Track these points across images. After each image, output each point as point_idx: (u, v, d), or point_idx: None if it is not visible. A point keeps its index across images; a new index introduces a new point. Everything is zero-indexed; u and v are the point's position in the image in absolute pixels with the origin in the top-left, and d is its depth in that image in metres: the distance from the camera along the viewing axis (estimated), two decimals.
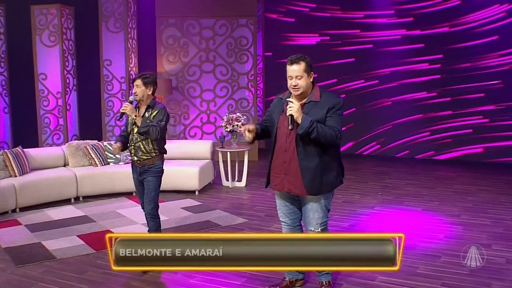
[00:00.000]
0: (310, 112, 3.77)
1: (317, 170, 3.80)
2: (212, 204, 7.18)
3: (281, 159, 3.89)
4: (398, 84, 10.58)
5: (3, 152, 7.16)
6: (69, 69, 9.31)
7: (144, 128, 4.68)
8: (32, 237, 5.84)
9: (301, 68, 3.78)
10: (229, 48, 10.59)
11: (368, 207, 6.85)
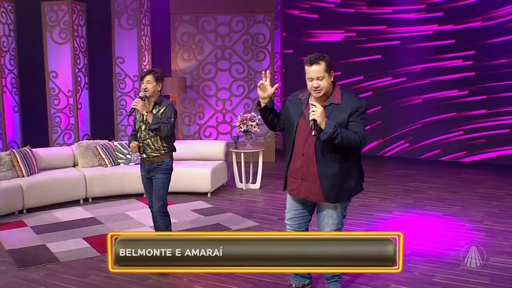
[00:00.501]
0: (331, 115, 3.67)
1: (336, 177, 3.74)
2: (224, 207, 7.14)
3: (299, 164, 3.82)
4: (429, 81, 10.35)
5: (10, 152, 7.23)
6: (81, 67, 9.37)
7: (156, 125, 4.71)
8: (37, 239, 5.88)
9: (321, 68, 3.69)
10: (245, 45, 10.56)
11: (386, 211, 6.75)
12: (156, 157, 4.89)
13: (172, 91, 9.87)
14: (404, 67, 10.62)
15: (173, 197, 7.56)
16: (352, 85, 10.85)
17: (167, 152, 4.95)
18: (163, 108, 4.85)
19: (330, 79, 3.73)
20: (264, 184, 8.33)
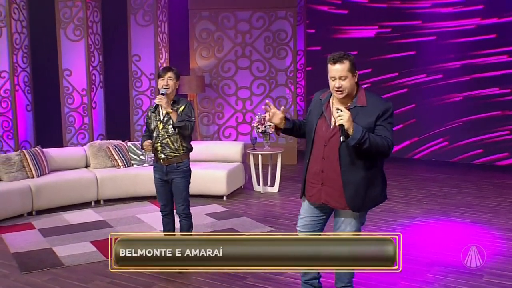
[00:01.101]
0: (357, 118, 3.57)
1: (361, 185, 3.66)
2: (239, 211, 7.10)
3: (318, 167, 3.75)
4: (470, 78, 10.09)
5: (20, 152, 7.30)
6: (95, 64, 9.43)
7: (180, 122, 4.73)
8: (44, 242, 5.91)
9: (345, 68, 3.61)
10: (266, 43, 10.50)
11: (410, 217, 6.61)
12: (175, 158, 4.91)
13: (190, 90, 9.87)
14: (441, 63, 10.40)
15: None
16: (385, 82, 10.69)
17: (186, 152, 4.97)
18: (183, 107, 4.87)
19: (353, 80, 3.65)
20: (282, 188, 8.26)
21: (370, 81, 10.70)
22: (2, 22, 8.41)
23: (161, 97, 4.74)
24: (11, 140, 8.69)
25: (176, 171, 4.91)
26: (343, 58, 3.61)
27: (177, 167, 4.91)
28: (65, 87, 9.25)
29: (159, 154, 4.93)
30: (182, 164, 4.93)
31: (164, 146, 4.88)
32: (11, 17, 8.47)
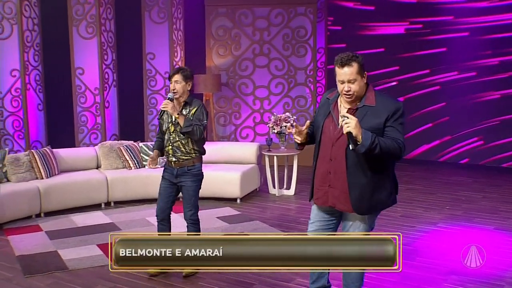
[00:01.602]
0: (364, 118, 3.56)
1: (367, 187, 3.63)
2: (252, 214, 7.07)
3: (325, 169, 3.73)
4: (509, 75, 9.87)
5: (29, 152, 7.36)
6: (108, 63, 9.47)
7: (188, 128, 4.70)
8: (50, 245, 5.95)
9: (353, 71, 3.57)
10: (285, 40, 10.47)
11: (430, 223, 6.51)
12: (186, 161, 4.89)
13: (205, 89, 9.87)
14: (474, 60, 10.21)
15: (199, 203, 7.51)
16: (413, 80, 10.53)
17: (198, 156, 4.95)
18: (194, 109, 4.84)
19: (362, 81, 3.63)
20: (299, 191, 8.20)
21: (397, 79, 10.59)
22: (13, 19, 8.49)
23: (167, 102, 4.71)
24: (22, 140, 8.77)
25: (186, 174, 4.89)
26: (351, 61, 3.57)
27: (187, 171, 4.89)
28: (77, 85, 9.30)
29: (170, 157, 4.92)
30: (193, 168, 4.90)
31: (175, 149, 4.87)
32: (22, 14, 8.55)
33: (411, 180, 9.00)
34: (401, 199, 7.63)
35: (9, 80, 8.64)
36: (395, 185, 3.81)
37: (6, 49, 8.55)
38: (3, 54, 8.57)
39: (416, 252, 5.46)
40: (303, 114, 10.57)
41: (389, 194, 3.72)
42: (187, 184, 4.91)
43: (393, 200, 3.79)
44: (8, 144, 8.69)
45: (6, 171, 7.11)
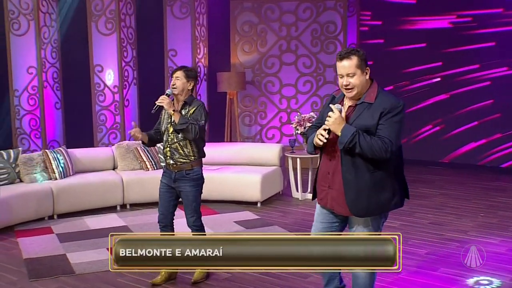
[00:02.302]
0: (361, 115, 3.58)
1: (363, 187, 3.61)
2: (272, 219, 7.03)
3: (325, 169, 3.76)
4: None
5: (43, 152, 7.47)
6: (128, 60, 9.56)
7: (182, 125, 4.68)
8: (59, 248, 6.02)
9: (352, 64, 3.60)
10: (313, 36, 10.41)
11: (461, 231, 6.36)
12: (184, 164, 4.86)
13: (229, 87, 9.87)
14: None
15: (217, 206, 7.58)
16: (458, 76, 10.32)
17: (197, 159, 4.91)
18: (193, 109, 4.83)
19: (363, 76, 3.63)
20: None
21: (440, 75, 10.43)
22: (30, 15, 8.64)
23: (163, 97, 4.71)
24: (39, 139, 8.92)
25: (185, 179, 4.86)
26: (350, 54, 3.62)
27: (186, 175, 4.85)
28: (96, 83, 9.40)
29: (168, 160, 4.90)
30: (191, 172, 4.86)
31: (173, 151, 4.85)
32: (39, 9, 8.70)
33: (445, 185, 8.84)
34: (432, 205, 7.57)
35: (25, 77, 8.82)
36: (401, 187, 3.76)
37: (22, 46, 8.74)
38: (19, 50, 8.75)
39: (440, 262, 5.34)
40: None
41: (391, 195, 3.66)
42: (186, 189, 4.87)
43: (397, 203, 3.73)
44: (24, 144, 8.87)
45: (19, 171, 7.24)
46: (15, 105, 8.87)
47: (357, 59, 3.59)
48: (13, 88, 8.84)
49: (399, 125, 3.58)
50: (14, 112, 8.87)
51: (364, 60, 3.62)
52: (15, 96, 8.85)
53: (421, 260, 5.40)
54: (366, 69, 3.63)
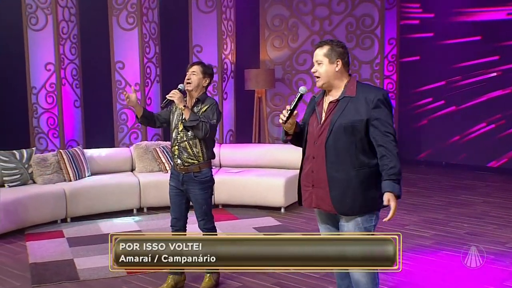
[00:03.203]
0: (345, 110, 3.64)
1: (349, 183, 3.63)
2: (294, 226, 6.99)
3: (309, 168, 3.79)
4: None
5: (57, 152, 7.58)
6: (151, 56, 9.62)
7: (193, 121, 4.70)
8: (67, 253, 6.10)
9: (321, 52, 3.75)
10: (348, 30, 10.32)
11: (499, 243, 6.18)
12: (193, 165, 4.85)
13: (257, 85, 9.85)
14: None
15: (238, 211, 7.59)
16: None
17: (206, 161, 4.91)
18: (206, 107, 4.83)
19: (331, 67, 3.73)
20: None
21: (498, 69, 10.21)
22: (48, 9, 8.79)
23: (175, 92, 4.73)
24: (57, 139, 9.06)
25: (193, 181, 4.86)
26: (324, 43, 3.76)
27: (194, 177, 4.85)
28: (117, 81, 9.49)
29: (175, 159, 4.91)
30: (200, 174, 4.86)
31: (182, 150, 4.84)
32: (58, 3, 8.83)
33: (489, 192, 8.66)
34: (471, 214, 7.42)
35: (43, 74, 8.97)
36: None
37: (40, 41, 8.89)
38: (37, 46, 8.90)
39: (470, 275, 5.20)
40: None
41: (379, 194, 3.61)
42: (195, 192, 4.88)
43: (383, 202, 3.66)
44: (42, 143, 9.02)
45: (32, 172, 7.36)
46: (33, 103, 9.02)
47: (327, 48, 3.71)
48: (31, 85, 8.99)
49: (391, 115, 3.65)
50: (32, 110, 9.03)
51: (336, 52, 3.71)
52: (32, 94, 9.01)
53: (448, 273, 5.27)
54: (337, 60, 3.69)
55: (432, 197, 8.42)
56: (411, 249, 5.91)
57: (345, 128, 3.59)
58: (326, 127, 3.66)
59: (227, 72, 10.14)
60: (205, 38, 9.97)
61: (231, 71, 10.27)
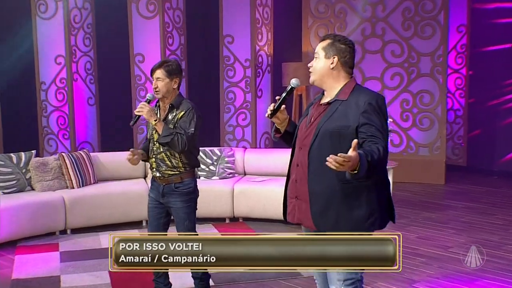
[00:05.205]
0: (334, 115, 3.64)
1: (332, 198, 3.62)
2: None
3: (293, 177, 3.83)
4: None
5: (59, 156, 7.80)
6: (174, 48, 9.76)
7: (166, 138, 4.76)
8: (55, 269, 6.30)
9: (320, 46, 3.76)
10: (405, 17, 10.26)
11: None
12: (173, 176, 4.93)
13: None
14: None
15: (258, 225, 7.74)
16: None
17: (188, 170, 4.97)
18: (182, 113, 4.87)
19: (325, 62, 3.73)
20: (398, 216, 7.95)
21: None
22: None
23: (143, 105, 4.78)
24: (67, 141, 9.31)
25: (174, 193, 4.92)
26: (327, 37, 3.78)
27: (175, 189, 4.91)
28: (136, 76, 9.68)
29: (154, 172, 4.99)
30: (181, 185, 4.92)
31: (159, 162, 4.92)
32: None
33: None
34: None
35: (53, 68, 9.23)
36: (382, 204, 3.70)
37: (49, 31, 9.16)
38: (47, 36, 9.16)
39: None
40: (428, 115, 10.23)
41: (369, 212, 3.61)
42: (176, 205, 4.93)
43: (374, 224, 3.67)
44: (51, 145, 9.30)
45: (30, 177, 7.61)
46: (42, 100, 9.31)
47: (328, 42, 3.72)
48: (40, 80, 9.29)
49: (383, 121, 3.58)
50: (41, 108, 9.32)
51: (336, 47, 3.70)
52: (41, 90, 9.30)
53: None
54: (334, 56, 3.68)
55: (494, 215, 8.25)
56: (447, 276, 5.82)
57: (331, 134, 3.58)
58: (312, 132, 3.66)
59: (262, 66, 10.20)
60: (237, 27, 10.06)
61: (267, 65, 10.33)
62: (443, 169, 10.18)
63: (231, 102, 10.25)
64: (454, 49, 11.15)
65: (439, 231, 7.40)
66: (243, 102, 10.09)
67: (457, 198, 9.25)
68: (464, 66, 11.18)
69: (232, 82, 10.24)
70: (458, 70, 11.12)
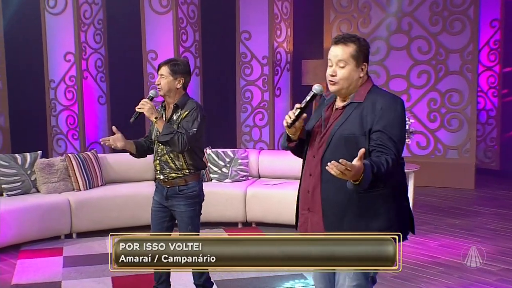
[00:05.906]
0: (350, 117, 3.56)
1: (346, 208, 3.58)
2: None
3: (305, 187, 3.79)
4: None
5: (65, 157, 7.91)
6: (188, 45, 9.84)
7: (165, 136, 4.81)
8: (57, 275, 6.40)
9: (347, 52, 3.58)
10: (433, 11, 10.24)
11: None
12: (177, 179, 4.99)
13: (315, 79, 9.86)
14: None
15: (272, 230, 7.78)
16: None
17: (193, 173, 5.02)
18: (186, 112, 4.92)
19: (356, 72, 3.60)
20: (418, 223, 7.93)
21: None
22: None
23: (144, 102, 4.88)
24: (77, 141, 9.44)
25: (178, 196, 4.98)
26: (348, 40, 3.58)
27: (179, 192, 4.97)
28: (149, 74, 9.77)
29: (158, 174, 5.08)
30: (186, 188, 4.97)
31: (163, 164, 5.00)
32: None
33: None
34: None
35: (62, 65, 9.34)
36: (401, 215, 3.64)
37: (59, 27, 9.28)
38: (56, 32, 9.28)
39: None
40: (456, 115, 10.18)
41: (388, 223, 3.56)
42: (179, 208, 4.98)
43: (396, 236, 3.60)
44: (60, 145, 9.43)
45: (35, 179, 7.74)
46: (51, 99, 9.44)
47: (355, 47, 3.56)
48: (49, 78, 9.42)
49: (400, 128, 3.51)
50: (50, 107, 9.46)
51: (364, 53, 3.58)
52: (50, 88, 9.43)
53: None
54: (363, 64, 3.59)
55: None
56: (466, 287, 5.79)
57: (346, 140, 3.52)
58: (326, 139, 3.61)
59: (281, 63, 10.24)
60: (255, 22, 10.12)
61: (286, 62, 10.36)
62: (473, 173, 10.12)
63: (248, 102, 10.30)
64: (486, 45, 11.10)
65: (463, 238, 7.36)
66: (261, 102, 10.14)
67: (486, 204, 9.19)
68: (497, 64, 11.11)
69: (249, 81, 10.30)
70: (491, 68, 11.06)
